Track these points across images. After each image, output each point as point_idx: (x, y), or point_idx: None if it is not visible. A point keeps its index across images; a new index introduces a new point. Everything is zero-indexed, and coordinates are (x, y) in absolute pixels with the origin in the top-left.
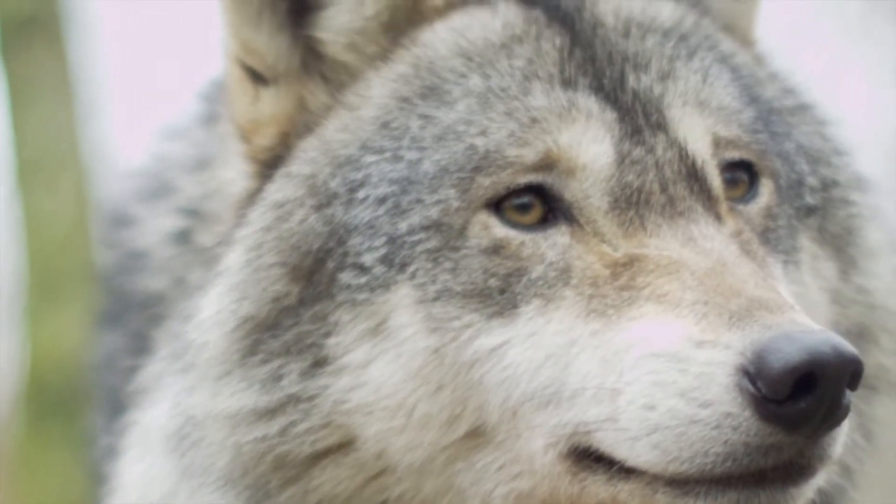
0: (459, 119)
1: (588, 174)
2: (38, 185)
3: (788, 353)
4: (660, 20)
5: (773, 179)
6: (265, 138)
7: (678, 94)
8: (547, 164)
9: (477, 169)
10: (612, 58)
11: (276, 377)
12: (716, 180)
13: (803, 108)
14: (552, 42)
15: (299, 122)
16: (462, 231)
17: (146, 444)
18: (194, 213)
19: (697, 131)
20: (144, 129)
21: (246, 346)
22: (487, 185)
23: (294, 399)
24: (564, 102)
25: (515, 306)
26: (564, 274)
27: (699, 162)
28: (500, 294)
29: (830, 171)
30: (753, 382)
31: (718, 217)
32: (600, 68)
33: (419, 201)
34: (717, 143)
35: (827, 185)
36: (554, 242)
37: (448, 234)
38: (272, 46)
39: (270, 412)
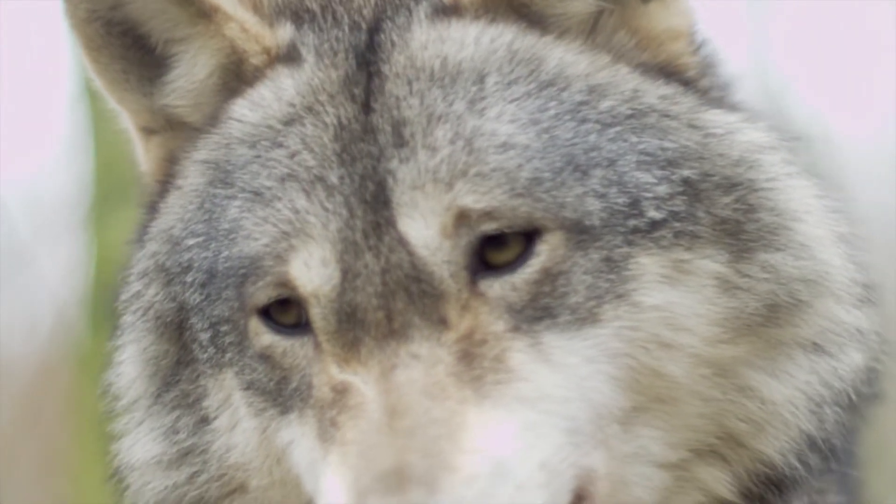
0: (235, 217)
1: (316, 300)
2: None
3: None
4: (456, 60)
5: (565, 230)
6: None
7: (419, 174)
8: (290, 283)
9: (244, 275)
10: (379, 132)
11: (175, 430)
12: (445, 274)
13: (672, 98)
14: (329, 118)
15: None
16: (245, 332)
17: None
18: None
19: (429, 218)
20: None
21: (151, 396)
22: (249, 293)
23: (191, 451)
24: (297, 220)
25: (287, 411)
26: (309, 390)
27: (422, 257)
28: (280, 396)
29: (699, 167)
30: None
31: (444, 322)
32: (362, 151)
33: (219, 295)
34: (467, 218)
35: (691, 184)
36: (306, 353)
37: (239, 332)
38: (144, 103)
39: (175, 462)
